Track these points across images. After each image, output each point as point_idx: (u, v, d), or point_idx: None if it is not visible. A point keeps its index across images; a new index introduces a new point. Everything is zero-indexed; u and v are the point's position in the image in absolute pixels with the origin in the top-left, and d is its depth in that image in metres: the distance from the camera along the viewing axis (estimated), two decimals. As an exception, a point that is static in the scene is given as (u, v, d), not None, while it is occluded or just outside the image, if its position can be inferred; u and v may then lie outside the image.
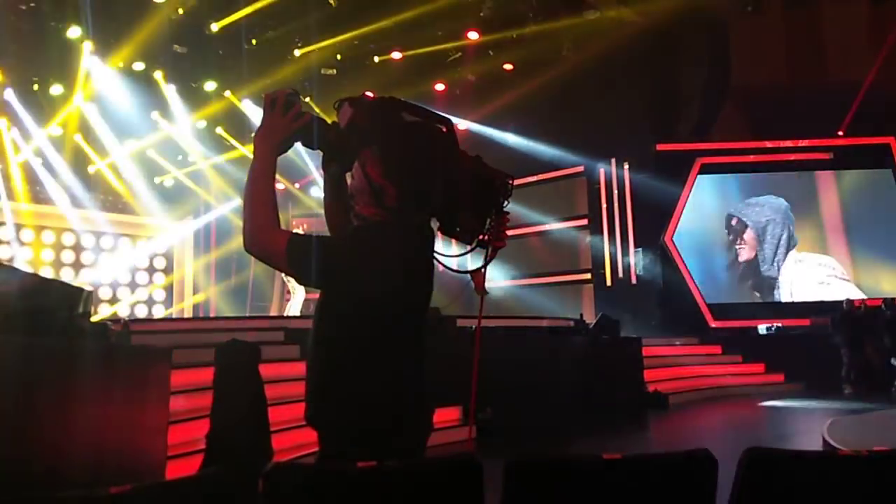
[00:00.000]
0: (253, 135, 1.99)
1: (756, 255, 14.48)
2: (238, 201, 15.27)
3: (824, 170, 14.39)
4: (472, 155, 2.04)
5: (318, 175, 14.31)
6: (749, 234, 14.52)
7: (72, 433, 3.73)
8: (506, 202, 2.03)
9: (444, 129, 2.01)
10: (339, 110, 2.00)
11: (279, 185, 15.48)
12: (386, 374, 1.94)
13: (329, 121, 2.05)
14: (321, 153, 2.10)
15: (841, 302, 12.75)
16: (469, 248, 2.06)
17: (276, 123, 1.96)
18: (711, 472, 1.67)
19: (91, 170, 14.35)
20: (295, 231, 1.96)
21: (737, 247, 14.49)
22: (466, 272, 2.31)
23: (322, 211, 2.25)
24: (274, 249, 1.90)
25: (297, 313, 11.19)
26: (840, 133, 14.34)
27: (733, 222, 14.62)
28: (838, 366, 12.11)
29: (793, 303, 14.05)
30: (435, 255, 2.04)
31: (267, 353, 5.68)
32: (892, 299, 12.27)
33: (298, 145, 2.04)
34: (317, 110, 10.02)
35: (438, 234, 2.06)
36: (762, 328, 13.58)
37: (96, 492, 1.28)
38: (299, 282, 1.97)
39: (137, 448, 4.43)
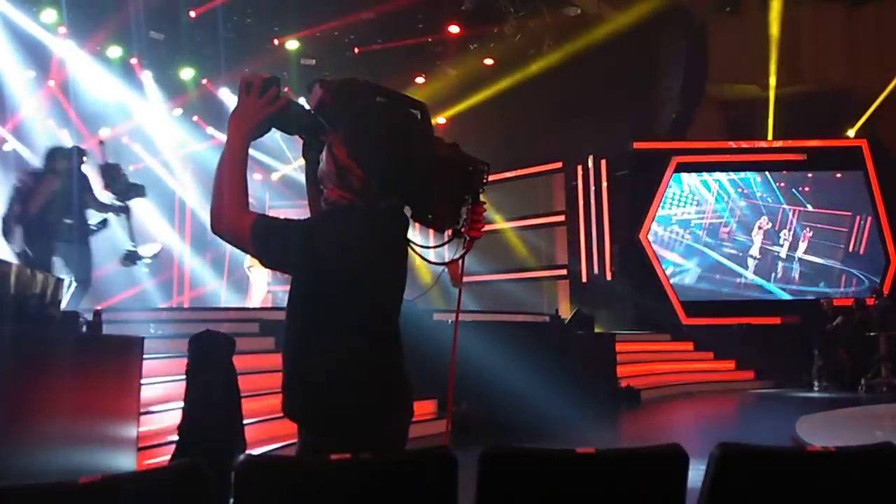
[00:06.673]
0: (227, 118, 1.95)
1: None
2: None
3: (798, 171, 14.56)
4: (448, 142, 1.99)
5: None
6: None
7: (40, 422, 3.68)
8: (482, 190, 1.98)
9: (418, 114, 1.96)
10: (311, 92, 1.96)
11: (257, 176, 15.35)
12: (354, 361, 1.89)
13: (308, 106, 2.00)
14: (301, 140, 2.06)
15: (816, 300, 12.94)
16: (446, 239, 2.01)
17: (249, 107, 1.92)
18: (682, 467, 1.68)
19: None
20: (264, 214, 1.91)
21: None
22: (442, 263, 2.26)
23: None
24: (239, 231, 1.86)
25: (258, 305, 10.94)
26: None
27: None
28: (807, 363, 12.25)
29: (762, 301, 14.22)
30: (410, 244, 1.98)
31: (242, 344, 5.63)
32: (863, 299, 12.44)
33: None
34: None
35: (416, 223, 2.00)
36: (733, 326, 13.73)
37: (66, 481, 1.27)
38: (262, 264, 1.91)
39: (107, 438, 4.38)
